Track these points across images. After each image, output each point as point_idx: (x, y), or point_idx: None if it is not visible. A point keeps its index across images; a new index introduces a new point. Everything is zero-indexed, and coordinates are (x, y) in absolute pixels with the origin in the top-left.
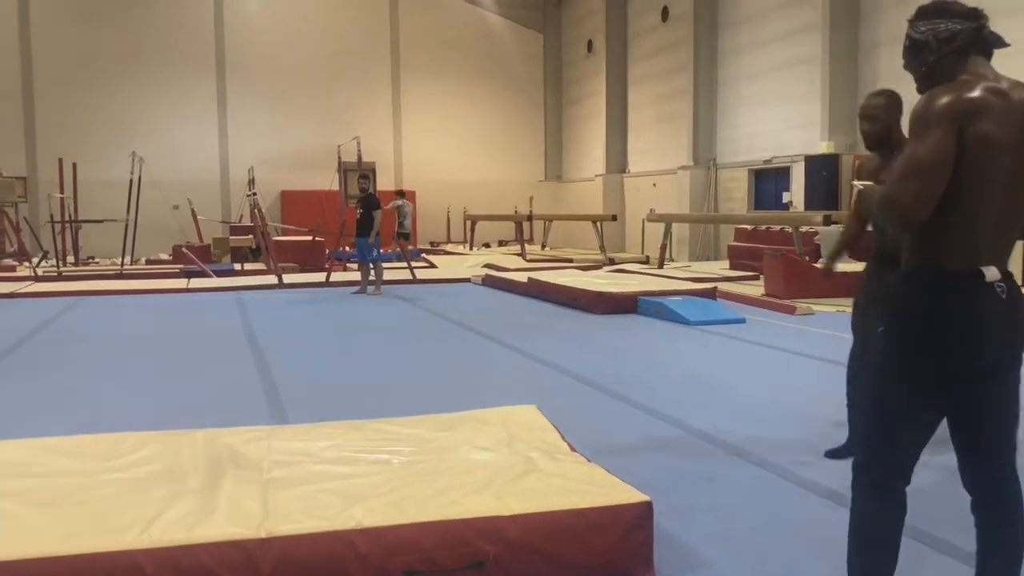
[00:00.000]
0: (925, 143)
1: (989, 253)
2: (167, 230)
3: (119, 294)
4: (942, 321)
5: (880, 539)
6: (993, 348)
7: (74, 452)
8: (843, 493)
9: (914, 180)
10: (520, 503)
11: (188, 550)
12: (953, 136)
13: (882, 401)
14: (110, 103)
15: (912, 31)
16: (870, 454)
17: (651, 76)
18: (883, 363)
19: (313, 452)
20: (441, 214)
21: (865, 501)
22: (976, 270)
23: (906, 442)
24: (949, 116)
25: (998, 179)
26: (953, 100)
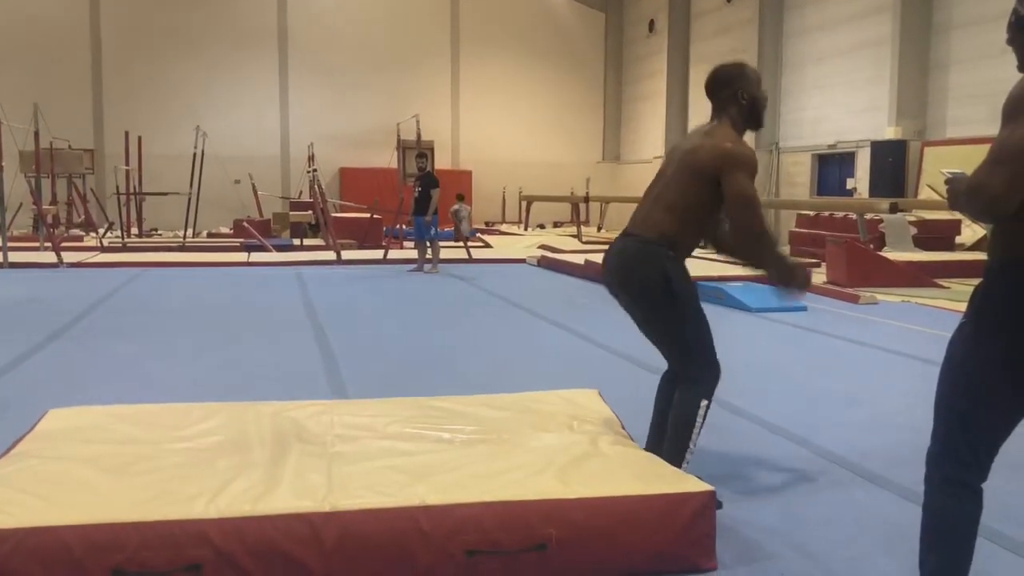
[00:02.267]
0: (1018, 129)
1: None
2: (228, 204)
3: (181, 266)
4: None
5: (954, 537)
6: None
7: (143, 421)
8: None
9: (1006, 167)
10: (583, 487)
11: (254, 521)
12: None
13: (961, 393)
14: (175, 78)
15: (1020, 6)
16: (945, 448)
17: (713, 57)
18: (964, 355)
19: (376, 427)
20: (497, 194)
21: (938, 497)
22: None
23: (983, 437)
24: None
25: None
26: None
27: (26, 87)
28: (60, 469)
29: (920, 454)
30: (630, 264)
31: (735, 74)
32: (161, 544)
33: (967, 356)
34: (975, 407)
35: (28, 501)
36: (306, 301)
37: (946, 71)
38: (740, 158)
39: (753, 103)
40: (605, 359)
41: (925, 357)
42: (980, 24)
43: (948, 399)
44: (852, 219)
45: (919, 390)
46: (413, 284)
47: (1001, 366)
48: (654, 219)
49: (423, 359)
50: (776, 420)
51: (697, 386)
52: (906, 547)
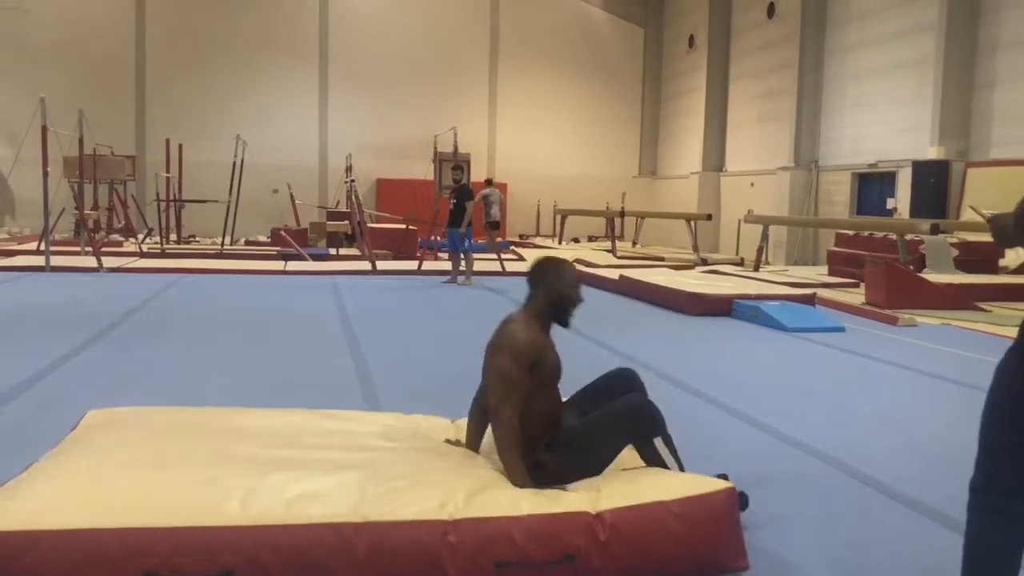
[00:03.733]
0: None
1: None
2: (266, 213)
3: (218, 273)
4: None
5: (996, 567)
6: None
7: (180, 423)
8: (946, 513)
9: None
10: (608, 498)
11: (286, 529)
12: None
13: (1007, 420)
14: (216, 87)
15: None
16: (989, 476)
17: (753, 73)
18: (1012, 381)
19: (407, 439)
20: (531, 207)
21: (981, 526)
22: None
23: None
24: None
25: None
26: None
27: (72, 94)
28: (98, 470)
29: (955, 479)
30: None
31: (548, 268)
32: (194, 549)
33: (1014, 382)
34: (1018, 434)
35: (65, 502)
36: (341, 310)
37: (991, 91)
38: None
39: (559, 299)
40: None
41: (964, 381)
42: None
43: (994, 426)
44: (892, 239)
45: (956, 414)
46: (446, 295)
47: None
48: None
49: (455, 371)
50: (810, 440)
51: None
52: (940, 573)
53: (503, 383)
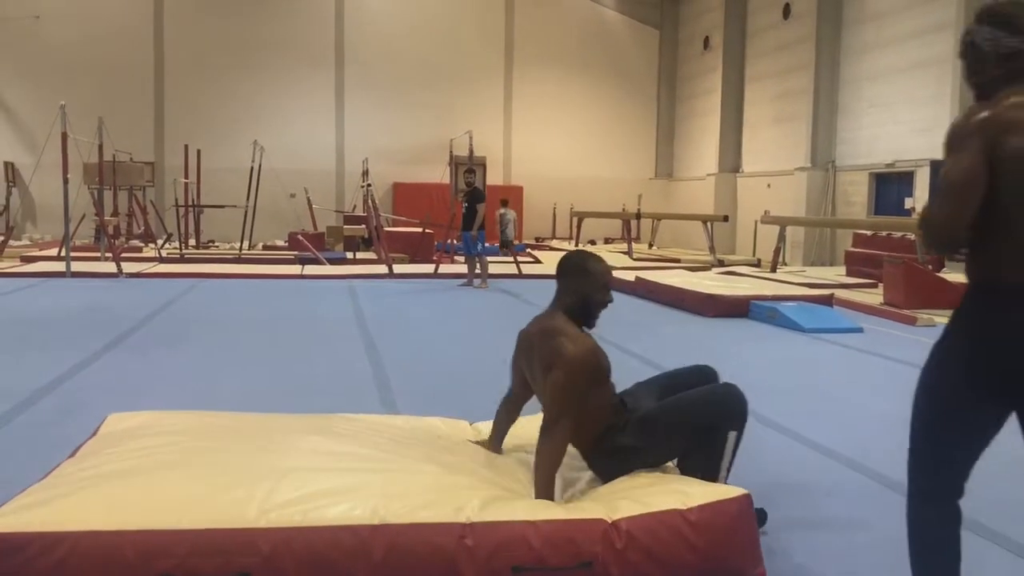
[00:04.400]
0: (956, 162)
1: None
2: (283, 217)
3: (237, 278)
4: (992, 335)
5: (934, 549)
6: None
7: (201, 426)
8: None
9: (947, 200)
10: (624, 506)
11: (303, 532)
12: (983, 154)
13: (929, 410)
14: (234, 92)
15: (976, 36)
16: (916, 462)
17: (769, 74)
18: (931, 373)
19: (425, 443)
20: (547, 210)
21: (916, 511)
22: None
23: (951, 453)
24: (981, 135)
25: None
26: (987, 116)
27: (91, 101)
28: (117, 472)
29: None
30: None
31: (576, 267)
32: (211, 552)
33: (933, 374)
34: (941, 424)
35: (86, 505)
36: (358, 314)
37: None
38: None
39: (585, 301)
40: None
41: None
42: None
43: (920, 415)
44: (910, 239)
45: None
46: (463, 299)
47: (965, 386)
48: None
49: (472, 374)
50: (829, 443)
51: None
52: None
53: (559, 401)
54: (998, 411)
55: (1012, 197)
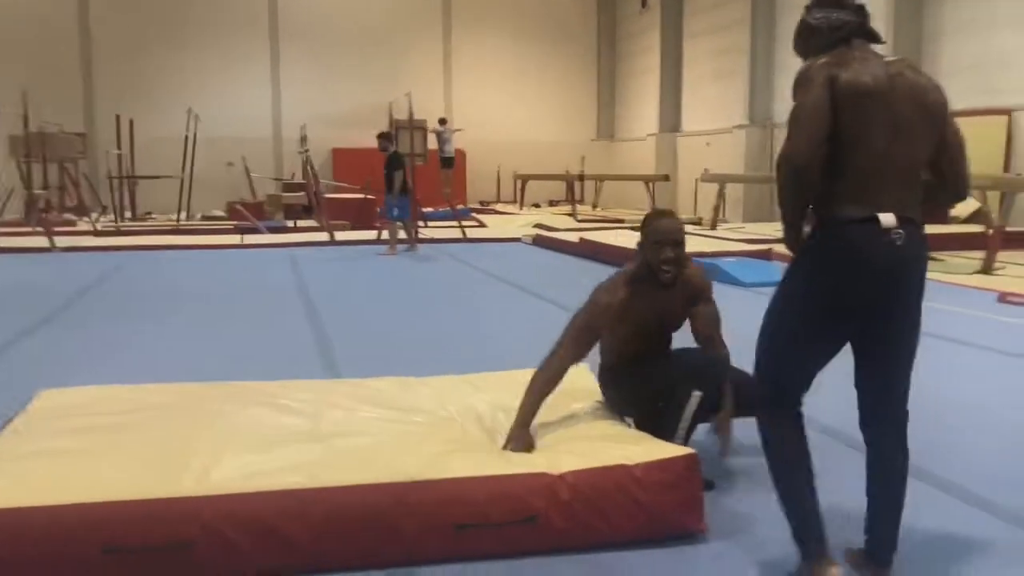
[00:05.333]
0: (804, 98)
1: (888, 201)
2: (221, 187)
3: (175, 249)
4: (835, 265)
5: (791, 458)
6: (884, 291)
7: (135, 399)
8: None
9: (800, 129)
10: (569, 460)
11: (244, 498)
12: (827, 88)
13: (775, 327)
14: (166, 60)
15: (809, 17)
16: (768, 383)
17: (707, 31)
18: (784, 301)
19: (366, 405)
20: (491, 173)
21: (767, 427)
22: (871, 216)
23: (799, 371)
24: (822, 73)
25: (876, 129)
26: (825, 61)
27: (16, 72)
28: (52, 448)
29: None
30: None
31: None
32: (153, 521)
33: (779, 297)
34: (785, 340)
35: (21, 480)
36: (300, 282)
37: (938, 43)
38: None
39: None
40: None
41: None
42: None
43: (768, 340)
44: None
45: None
46: (405, 265)
47: (817, 312)
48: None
49: (418, 339)
50: None
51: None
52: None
53: (569, 333)
54: (842, 336)
55: (849, 133)
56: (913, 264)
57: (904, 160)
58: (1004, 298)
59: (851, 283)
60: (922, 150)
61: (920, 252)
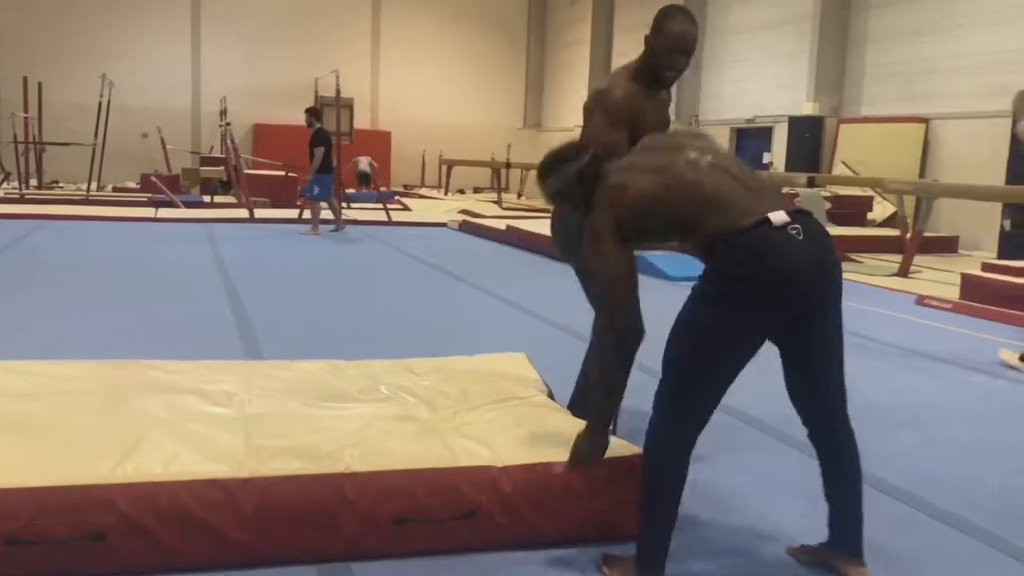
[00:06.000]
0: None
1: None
2: (135, 158)
3: (84, 220)
4: (749, 268)
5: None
6: (801, 288)
7: (38, 376)
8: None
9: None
10: (512, 453)
11: (165, 486)
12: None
13: (699, 358)
14: (79, 22)
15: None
16: (681, 413)
17: (638, 26)
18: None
19: (294, 390)
20: (416, 157)
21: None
22: (763, 218)
23: (717, 397)
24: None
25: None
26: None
27: None
28: None
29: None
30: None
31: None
32: (61, 511)
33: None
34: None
35: None
36: (218, 259)
37: (863, 49)
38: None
39: (650, 55)
40: (532, 324)
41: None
42: (895, 4)
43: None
44: None
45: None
46: (328, 245)
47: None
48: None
49: (344, 322)
50: None
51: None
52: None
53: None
54: (756, 345)
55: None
56: (822, 256)
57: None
58: (922, 301)
59: (769, 281)
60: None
61: (826, 243)
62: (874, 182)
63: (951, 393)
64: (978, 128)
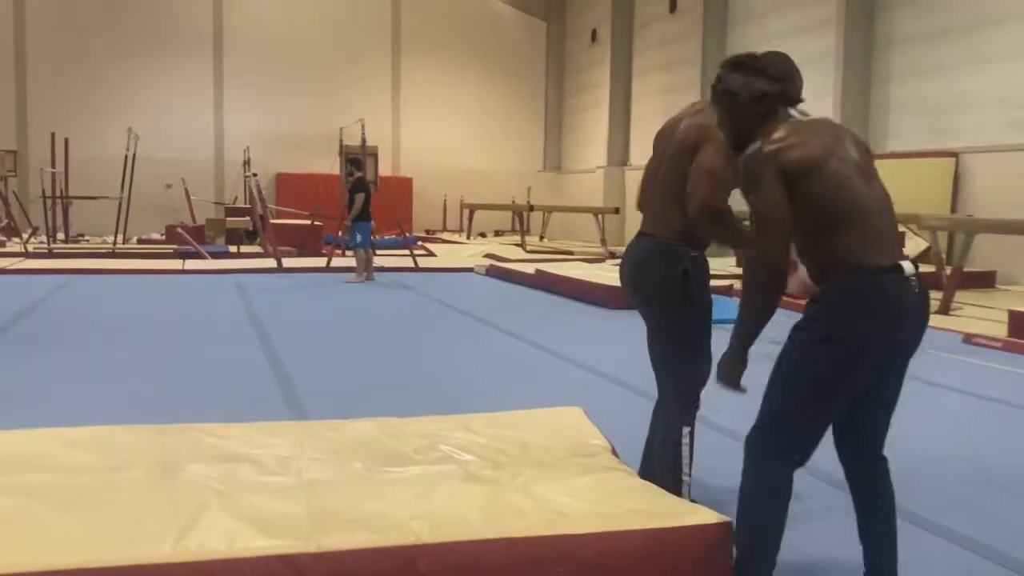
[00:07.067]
0: (764, 200)
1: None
2: (159, 209)
3: (112, 273)
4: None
5: (769, 518)
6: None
7: (93, 445)
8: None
9: (770, 232)
10: (592, 521)
11: (230, 564)
12: (780, 180)
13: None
14: (104, 78)
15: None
16: (795, 441)
17: (656, 68)
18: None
19: (350, 452)
20: (437, 201)
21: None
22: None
23: (825, 429)
24: (770, 166)
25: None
26: (768, 152)
27: None
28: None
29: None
30: (647, 266)
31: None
32: None
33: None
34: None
35: None
36: (250, 311)
37: (887, 85)
38: (715, 132)
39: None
40: (573, 372)
41: None
42: (920, 39)
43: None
44: None
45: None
46: (358, 294)
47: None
48: (667, 214)
49: (381, 373)
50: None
51: (676, 413)
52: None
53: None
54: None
55: (828, 200)
56: (926, 308)
57: (881, 201)
58: (970, 339)
59: (885, 330)
60: (885, 190)
61: (928, 298)
62: (911, 218)
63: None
64: (1008, 161)
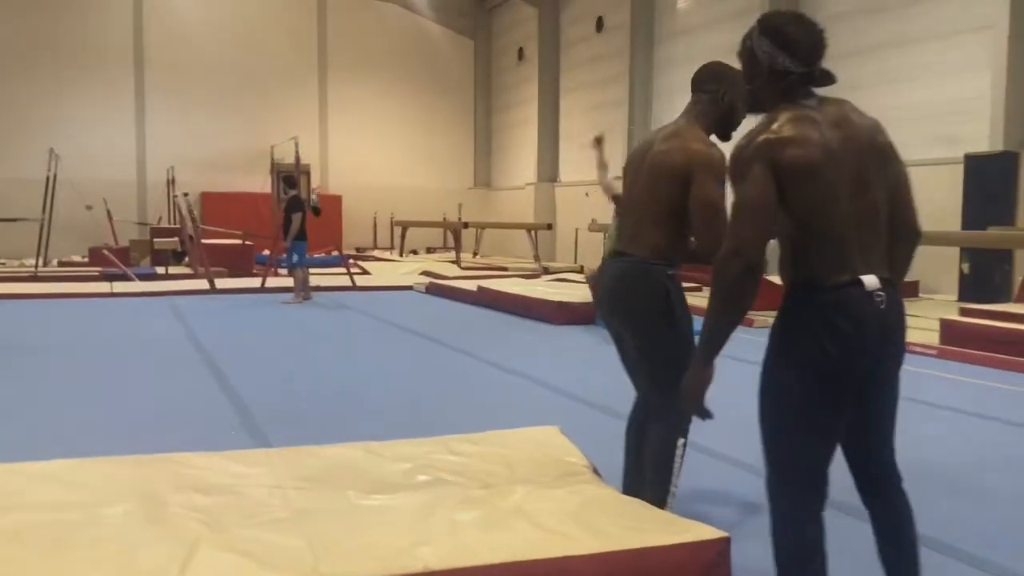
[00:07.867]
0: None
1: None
2: (79, 231)
3: (37, 298)
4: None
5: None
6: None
7: (68, 479)
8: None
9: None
10: (593, 542)
11: None
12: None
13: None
14: (20, 97)
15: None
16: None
17: (585, 85)
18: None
19: (335, 479)
20: (368, 220)
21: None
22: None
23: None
24: (762, 156)
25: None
26: (762, 140)
27: None
28: None
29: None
30: (626, 285)
31: (727, 74)
32: None
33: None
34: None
35: None
36: (190, 335)
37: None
38: (711, 161)
39: (731, 110)
40: (529, 388)
41: None
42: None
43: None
44: None
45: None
46: (297, 314)
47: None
48: (644, 234)
49: (336, 395)
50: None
51: (672, 425)
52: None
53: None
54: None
55: (807, 204)
56: (897, 326)
57: (867, 212)
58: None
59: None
60: (882, 198)
61: (901, 312)
62: None
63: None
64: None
